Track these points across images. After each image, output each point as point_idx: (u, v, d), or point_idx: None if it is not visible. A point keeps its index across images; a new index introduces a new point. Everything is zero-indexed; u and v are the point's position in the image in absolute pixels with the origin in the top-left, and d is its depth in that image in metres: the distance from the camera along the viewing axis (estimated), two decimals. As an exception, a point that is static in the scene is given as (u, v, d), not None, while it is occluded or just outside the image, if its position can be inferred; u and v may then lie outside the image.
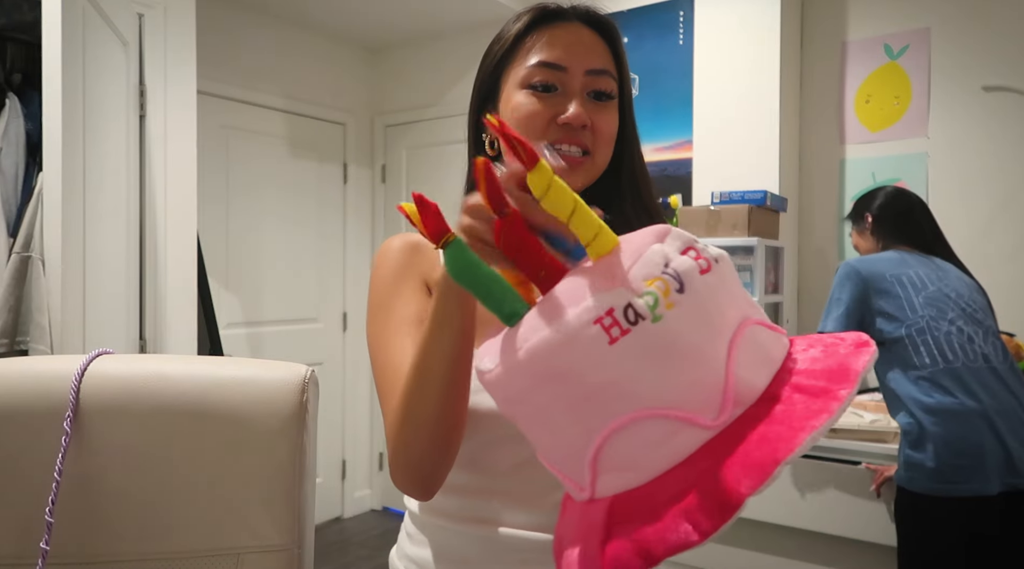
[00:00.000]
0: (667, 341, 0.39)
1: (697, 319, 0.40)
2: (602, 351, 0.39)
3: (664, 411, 0.40)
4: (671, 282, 0.40)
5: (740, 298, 0.44)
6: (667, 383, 0.40)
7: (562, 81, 0.77)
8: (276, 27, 3.38)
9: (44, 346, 1.73)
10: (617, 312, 0.39)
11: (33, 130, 1.96)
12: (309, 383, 0.86)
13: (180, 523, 0.83)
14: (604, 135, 0.79)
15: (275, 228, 3.43)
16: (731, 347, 0.40)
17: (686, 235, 0.44)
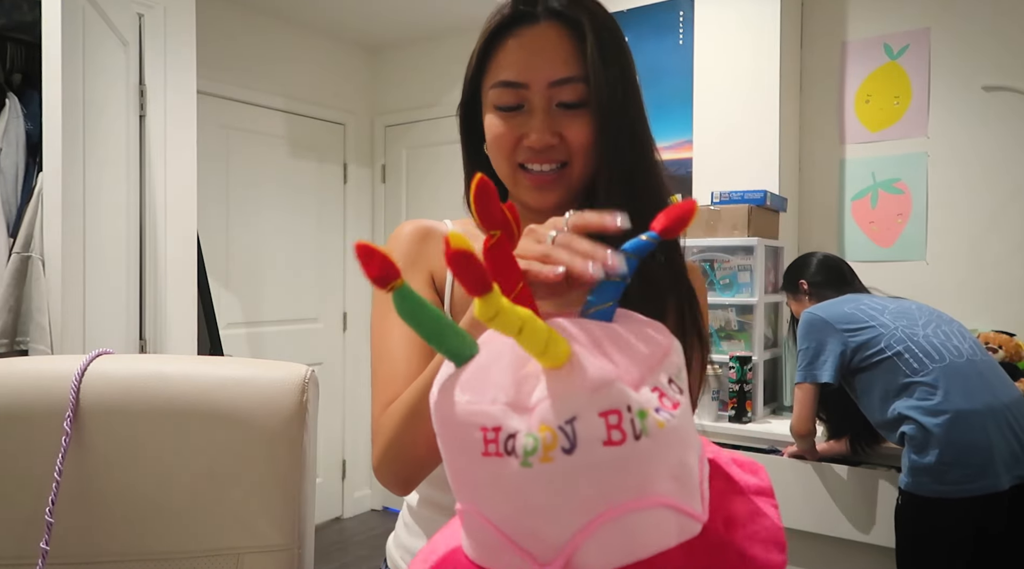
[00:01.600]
0: (522, 489, 0.39)
1: (561, 487, 0.38)
2: (472, 455, 0.40)
3: (500, 534, 0.41)
4: (562, 439, 0.38)
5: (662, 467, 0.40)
6: (511, 519, 0.40)
7: (526, 98, 0.75)
8: (276, 27, 3.38)
9: (44, 346, 1.73)
10: (502, 434, 0.39)
11: (33, 130, 1.96)
12: (309, 383, 0.86)
13: (180, 523, 0.83)
14: (576, 145, 0.74)
15: (275, 228, 3.43)
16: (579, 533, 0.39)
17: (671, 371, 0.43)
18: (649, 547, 0.39)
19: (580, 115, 0.74)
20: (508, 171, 0.77)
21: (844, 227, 2.75)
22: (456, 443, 0.41)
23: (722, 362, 2.41)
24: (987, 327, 2.38)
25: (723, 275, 2.49)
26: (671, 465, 0.40)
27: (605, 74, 0.73)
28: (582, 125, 0.74)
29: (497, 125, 0.77)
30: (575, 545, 0.38)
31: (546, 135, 0.73)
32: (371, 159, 3.87)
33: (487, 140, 0.79)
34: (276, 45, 3.39)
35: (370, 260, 0.42)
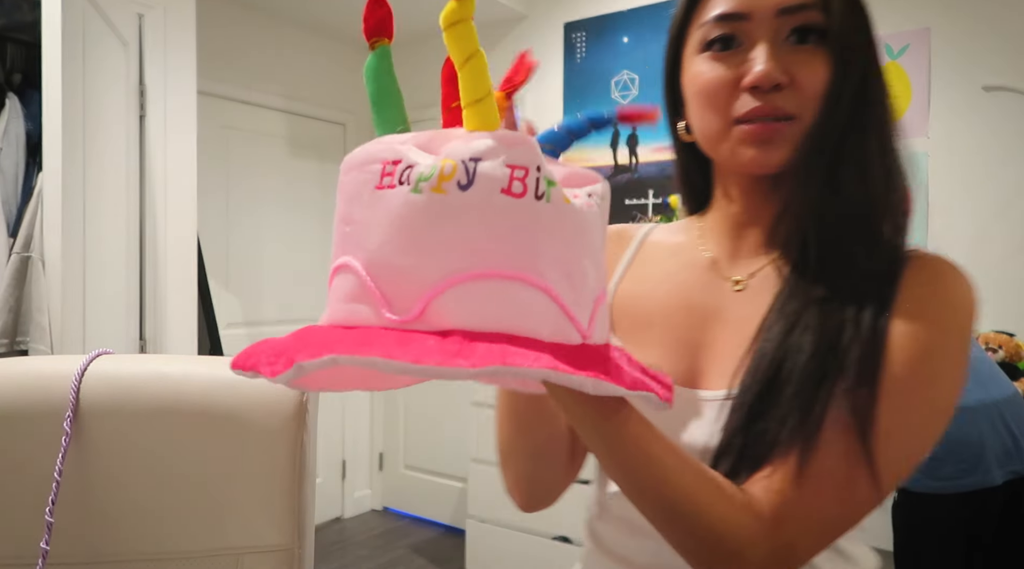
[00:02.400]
0: (405, 218, 0.36)
1: (445, 222, 0.35)
2: (365, 190, 0.39)
3: (365, 274, 0.38)
4: (461, 173, 0.36)
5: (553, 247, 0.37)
6: (384, 256, 0.37)
7: (747, 32, 0.60)
8: (276, 27, 3.38)
9: (44, 346, 1.73)
10: (401, 166, 0.38)
11: (33, 130, 1.96)
12: (309, 383, 0.86)
13: (180, 523, 0.83)
14: (807, 89, 0.59)
15: (275, 228, 3.43)
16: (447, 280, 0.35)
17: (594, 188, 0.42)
18: (512, 324, 0.36)
19: (815, 54, 0.59)
20: (719, 128, 0.62)
21: (844, 227, 2.75)
22: (351, 183, 0.39)
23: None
24: (987, 327, 2.38)
25: (723, 275, 2.48)
26: (565, 256, 0.37)
27: (848, 6, 0.60)
28: (816, 65, 0.59)
29: (709, 69, 0.62)
30: (438, 291, 0.35)
31: (773, 69, 0.58)
32: (371, 159, 3.87)
33: (691, 95, 0.65)
34: (276, 45, 3.39)
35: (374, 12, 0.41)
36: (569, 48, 3.15)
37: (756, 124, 0.60)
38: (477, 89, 0.37)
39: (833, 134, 0.59)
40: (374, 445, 3.86)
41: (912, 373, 0.55)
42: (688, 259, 0.72)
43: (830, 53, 0.59)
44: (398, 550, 3.30)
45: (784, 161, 0.60)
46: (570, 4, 3.15)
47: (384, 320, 0.36)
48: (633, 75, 2.97)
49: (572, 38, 3.15)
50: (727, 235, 0.70)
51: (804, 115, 0.59)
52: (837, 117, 0.59)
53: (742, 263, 0.68)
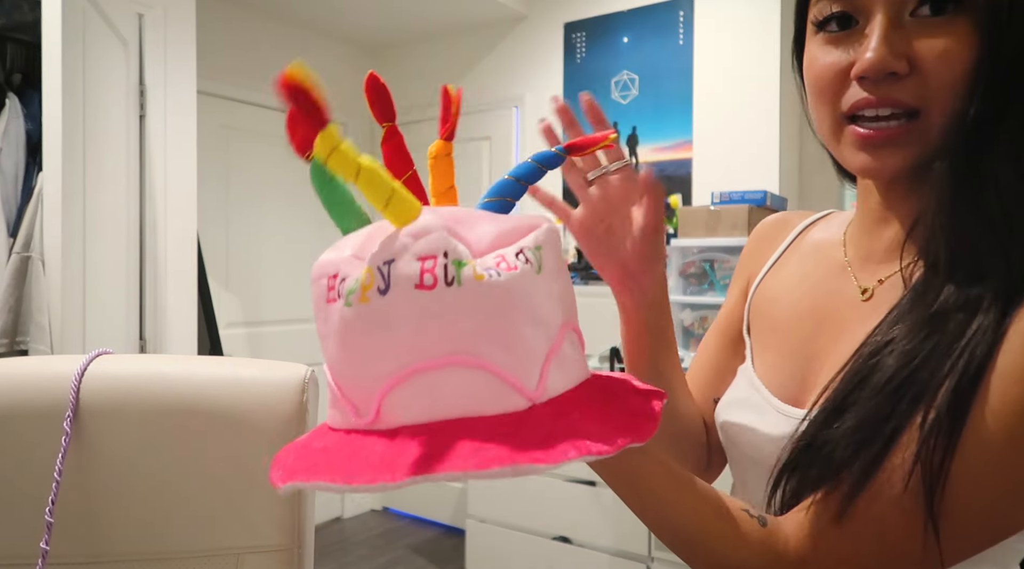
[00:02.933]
0: (345, 331, 0.39)
1: (375, 329, 0.38)
2: (321, 304, 0.42)
3: (333, 384, 0.41)
4: (378, 279, 0.38)
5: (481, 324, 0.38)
6: (340, 366, 0.41)
7: (863, 8, 0.50)
8: (276, 27, 3.38)
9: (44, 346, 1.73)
10: (338, 279, 0.40)
11: (33, 130, 1.96)
12: (309, 383, 0.86)
13: (180, 523, 0.83)
14: (938, 74, 0.48)
15: (275, 228, 3.43)
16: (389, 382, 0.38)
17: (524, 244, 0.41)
18: (459, 408, 0.38)
19: (952, 26, 0.47)
20: (830, 125, 0.55)
21: (844, 227, 2.75)
22: (315, 297, 0.43)
23: (722, 362, 2.40)
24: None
25: (723, 275, 2.49)
26: (496, 328, 0.38)
27: None
28: (948, 41, 0.47)
29: (816, 56, 0.54)
30: (383, 394, 0.38)
31: (886, 55, 0.48)
32: (371, 159, 3.87)
33: (806, 84, 0.57)
34: (276, 45, 3.39)
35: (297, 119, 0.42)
36: (569, 48, 3.15)
37: (869, 126, 0.51)
38: (380, 194, 0.39)
39: (980, 130, 0.47)
40: (374, 445, 3.86)
41: (1007, 432, 0.44)
42: (826, 259, 0.65)
43: (974, 26, 0.47)
44: (398, 550, 3.30)
45: (903, 168, 0.51)
46: (570, 4, 3.16)
47: (354, 423, 0.40)
48: (633, 75, 2.97)
49: (572, 38, 3.15)
50: (864, 234, 0.62)
51: (931, 109, 0.49)
52: (984, 109, 0.46)
53: (873, 267, 0.60)
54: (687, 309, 2.51)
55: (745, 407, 0.63)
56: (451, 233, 0.39)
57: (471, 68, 3.44)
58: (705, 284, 2.50)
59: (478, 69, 3.42)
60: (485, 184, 3.35)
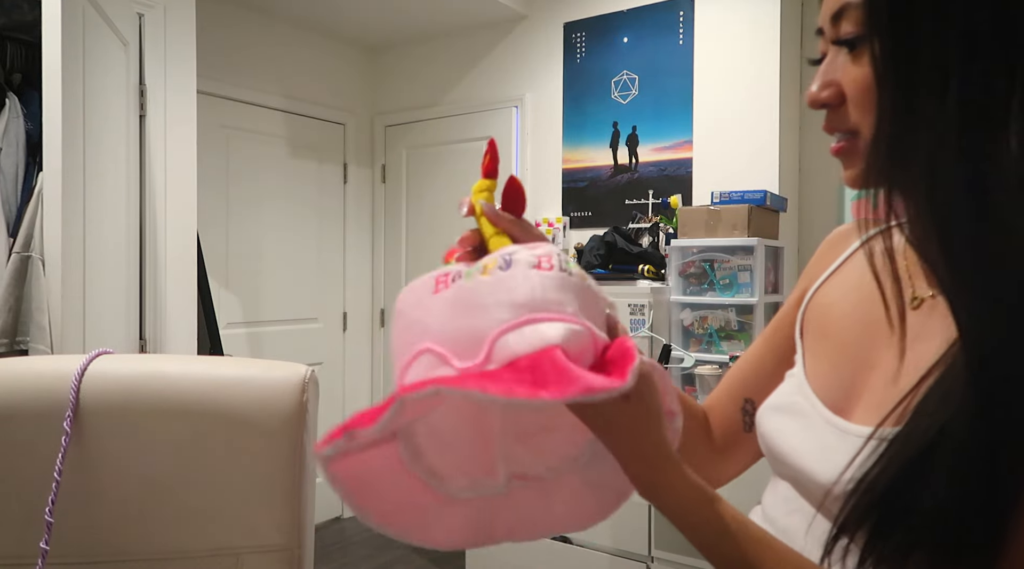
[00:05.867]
0: (464, 297, 0.49)
1: (498, 288, 0.48)
2: (426, 296, 0.51)
3: (437, 343, 0.49)
4: (501, 262, 0.49)
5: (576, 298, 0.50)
6: (448, 329, 0.49)
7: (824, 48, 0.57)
8: (276, 27, 3.38)
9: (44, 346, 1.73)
10: (450, 275, 0.51)
11: (33, 130, 1.96)
12: (309, 383, 0.86)
13: (180, 523, 0.83)
14: (854, 99, 0.53)
15: (275, 228, 3.43)
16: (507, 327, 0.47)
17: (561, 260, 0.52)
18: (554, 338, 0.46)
19: (854, 57, 0.53)
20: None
21: (844, 227, 2.75)
22: (410, 299, 0.52)
23: (722, 362, 2.41)
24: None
25: (723, 275, 2.49)
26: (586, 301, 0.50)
27: None
28: (853, 69, 0.53)
29: None
30: (494, 340, 0.46)
31: (814, 92, 0.55)
32: (371, 159, 3.87)
33: None
34: (276, 45, 3.39)
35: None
36: (569, 48, 3.15)
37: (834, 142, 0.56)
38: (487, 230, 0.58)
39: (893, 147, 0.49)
40: (374, 445, 3.86)
41: None
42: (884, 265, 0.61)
43: (866, 53, 0.51)
44: (398, 550, 3.30)
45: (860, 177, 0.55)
46: (570, 4, 3.16)
47: (458, 370, 0.47)
48: (633, 75, 2.97)
49: (572, 38, 3.15)
50: None
51: (863, 129, 0.53)
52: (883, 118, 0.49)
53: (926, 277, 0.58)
54: (687, 309, 2.52)
55: (788, 413, 0.62)
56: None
57: (471, 68, 3.44)
58: (705, 284, 2.50)
59: (478, 69, 3.42)
60: (485, 184, 3.34)
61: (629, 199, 3.00)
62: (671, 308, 2.52)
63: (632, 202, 2.99)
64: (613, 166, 3.04)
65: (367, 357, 3.85)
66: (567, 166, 3.15)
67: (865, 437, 0.51)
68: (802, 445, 0.58)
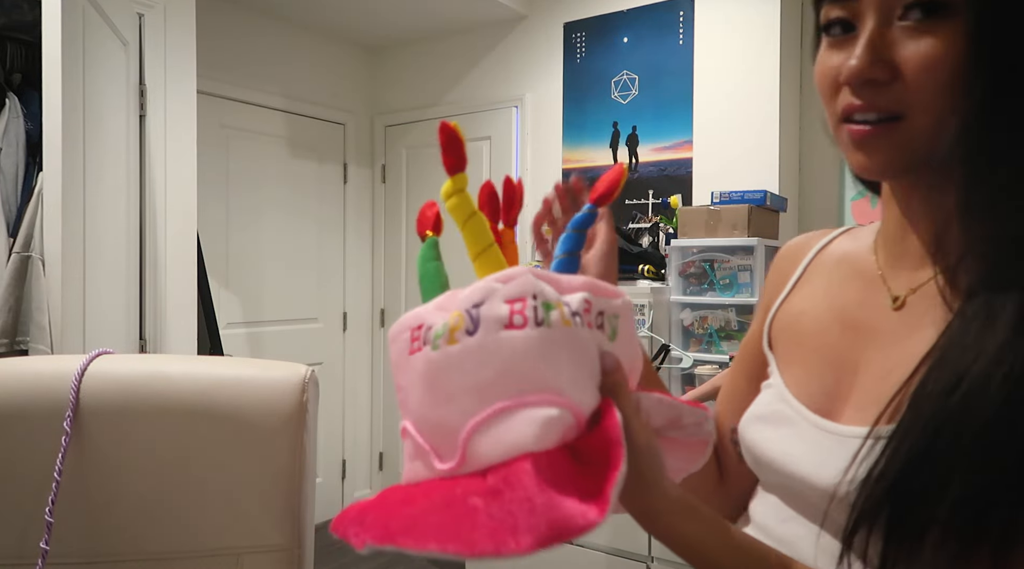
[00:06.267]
0: (431, 375, 0.40)
1: (463, 369, 0.39)
2: (403, 358, 0.43)
3: (415, 432, 0.42)
4: (467, 322, 0.39)
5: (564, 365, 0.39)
6: (425, 413, 0.41)
7: (858, 14, 0.51)
8: (276, 27, 3.38)
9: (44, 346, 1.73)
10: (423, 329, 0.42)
11: (33, 130, 1.96)
12: (309, 383, 0.86)
13: (180, 523, 0.83)
14: (916, 79, 0.48)
15: (275, 228, 3.43)
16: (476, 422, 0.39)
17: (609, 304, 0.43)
18: (541, 444, 0.38)
19: (932, 31, 0.48)
20: (833, 125, 0.55)
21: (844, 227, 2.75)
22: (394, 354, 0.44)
23: (722, 362, 2.41)
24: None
25: (723, 275, 2.49)
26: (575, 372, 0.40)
27: None
28: (930, 46, 0.48)
29: (821, 60, 0.55)
30: (468, 435, 0.39)
31: (865, 64, 0.49)
32: (371, 159, 3.87)
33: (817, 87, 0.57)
34: (276, 45, 3.39)
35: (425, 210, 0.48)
36: (569, 48, 3.15)
37: (857, 125, 0.51)
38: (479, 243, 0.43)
39: (970, 135, 0.47)
40: (374, 445, 3.86)
41: None
42: (853, 269, 0.63)
43: (962, 31, 0.47)
44: (398, 550, 3.30)
45: (889, 166, 0.52)
46: (570, 4, 3.16)
47: (436, 471, 0.40)
48: (633, 75, 2.97)
49: (572, 38, 3.15)
50: (890, 240, 0.60)
51: (914, 114, 0.49)
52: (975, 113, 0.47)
53: (904, 275, 0.58)
54: (687, 309, 2.52)
55: (772, 421, 0.61)
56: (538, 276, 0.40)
57: (471, 68, 3.44)
58: (705, 284, 2.50)
59: (478, 69, 3.42)
60: (485, 184, 3.34)
61: (629, 199, 3.00)
62: (671, 308, 2.52)
63: (632, 202, 2.99)
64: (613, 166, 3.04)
65: (367, 357, 3.85)
66: (567, 166, 3.15)
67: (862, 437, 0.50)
68: (793, 451, 0.57)
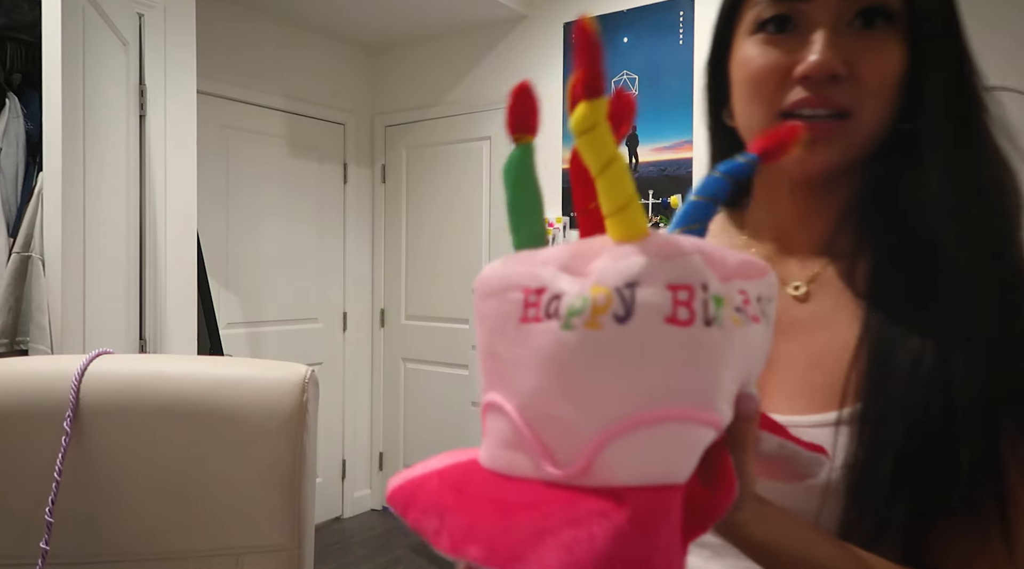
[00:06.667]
0: (557, 358, 0.32)
1: (603, 362, 0.31)
2: (508, 324, 0.35)
3: (520, 421, 0.34)
4: (617, 304, 0.31)
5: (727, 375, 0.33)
6: (538, 401, 0.34)
7: (805, 13, 0.53)
8: (276, 27, 3.38)
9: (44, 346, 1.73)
10: (546, 295, 0.33)
11: (33, 130, 1.96)
12: (309, 383, 0.86)
13: (180, 523, 0.83)
14: (869, 82, 0.52)
15: (275, 228, 3.43)
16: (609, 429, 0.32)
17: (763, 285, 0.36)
18: (689, 470, 0.32)
19: (883, 38, 0.52)
20: (764, 121, 0.56)
21: (844, 227, 2.75)
22: (492, 314, 0.36)
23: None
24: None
25: (723, 275, 2.49)
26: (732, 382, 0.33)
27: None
28: (884, 52, 0.52)
29: (756, 56, 0.55)
30: (602, 443, 0.31)
31: (830, 58, 0.51)
32: (371, 159, 3.87)
33: (737, 80, 0.57)
34: (276, 45, 3.39)
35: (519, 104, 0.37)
36: (569, 48, 3.15)
37: (804, 120, 0.52)
38: (619, 196, 0.32)
39: (904, 136, 0.52)
40: (374, 445, 3.86)
41: None
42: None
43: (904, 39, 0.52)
44: (398, 550, 3.30)
45: (832, 164, 0.54)
46: (570, 4, 3.16)
47: (545, 474, 0.33)
48: (633, 75, 2.97)
49: (572, 38, 3.15)
50: (772, 236, 0.63)
51: (861, 112, 0.52)
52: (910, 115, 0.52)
53: (794, 267, 0.60)
54: (687, 309, 2.51)
55: None
56: (704, 258, 0.32)
57: (471, 68, 3.44)
58: None
59: (478, 69, 3.42)
60: (486, 184, 3.35)
61: (629, 199, 3.00)
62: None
63: (632, 202, 2.99)
64: (613, 166, 3.04)
65: (367, 357, 3.85)
66: (567, 166, 3.15)
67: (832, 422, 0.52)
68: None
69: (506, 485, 0.34)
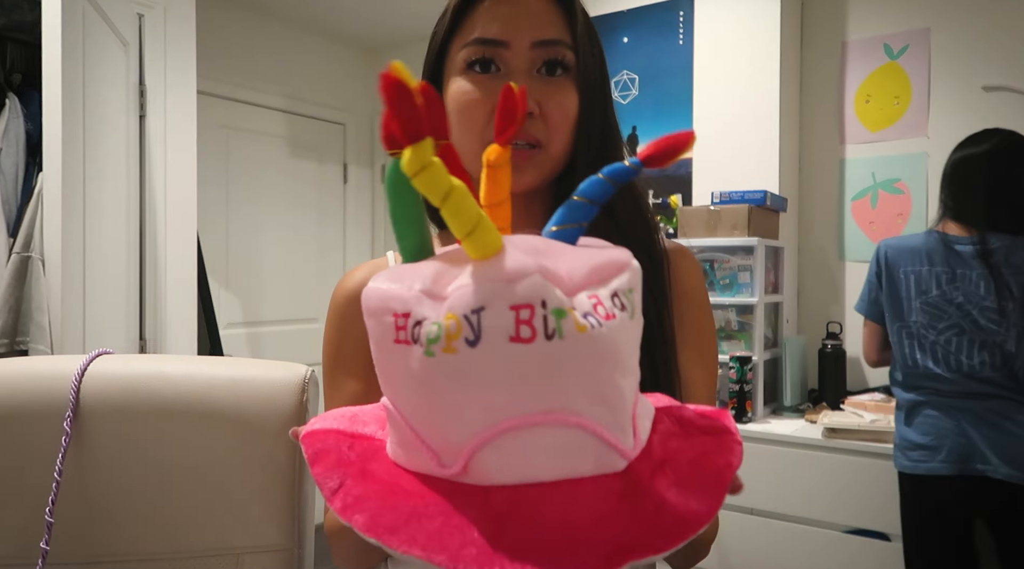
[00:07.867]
0: (427, 381, 0.36)
1: (463, 383, 0.35)
2: (386, 342, 0.38)
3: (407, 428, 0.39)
4: (467, 330, 0.34)
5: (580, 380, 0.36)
6: (420, 413, 0.38)
7: (504, 59, 0.66)
8: (276, 27, 3.38)
9: (44, 346, 1.73)
10: (411, 320, 0.36)
11: (33, 130, 1.96)
12: (309, 383, 0.86)
13: (180, 523, 0.83)
14: (555, 119, 0.66)
15: (275, 228, 3.43)
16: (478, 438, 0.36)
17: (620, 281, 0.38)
18: (554, 470, 0.36)
19: (563, 84, 0.67)
20: (474, 147, 0.66)
21: (844, 227, 2.75)
22: (373, 331, 0.39)
23: (722, 362, 2.41)
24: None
25: (723, 275, 2.49)
26: (595, 383, 0.36)
27: (591, 47, 0.70)
28: (565, 96, 0.67)
29: (467, 91, 0.67)
30: (473, 450, 0.36)
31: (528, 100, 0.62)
32: (371, 159, 3.87)
33: (450, 111, 0.68)
34: (276, 45, 3.39)
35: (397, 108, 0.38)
36: (569, 48, 3.15)
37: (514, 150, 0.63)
38: (465, 222, 0.35)
39: (585, 159, 0.67)
40: (374, 445, 3.87)
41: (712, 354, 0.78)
42: None
43: (577, 87, 0.67)
44: (398, 550, 3.30)
45: (531, 185, 0.66)
46: (570, 4, 3.16)
47: (436, 471, 0.38)
48: (633, 75, 2.97)
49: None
50: None
51: (550, 144, 0.66)
52: (589, 144, 0.68)
53: None
54: (687, 309, 2.51)
55: None
56: (545, 275, 0.35)
57: (471, 68, 3.44)
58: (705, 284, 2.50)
59: (478, 69, 3.42)
60: (485, 184, 3.34)
61: (629, 199, 3.00)
62: (671, 308, 2.52)
63: (632, 202, 2.99)
64: (613, 166, 3.04)
65: (367, 357, 3.86)
66: (567, 166, 3.16)
67: None
68: None
69: (403, 474, 0.39)
